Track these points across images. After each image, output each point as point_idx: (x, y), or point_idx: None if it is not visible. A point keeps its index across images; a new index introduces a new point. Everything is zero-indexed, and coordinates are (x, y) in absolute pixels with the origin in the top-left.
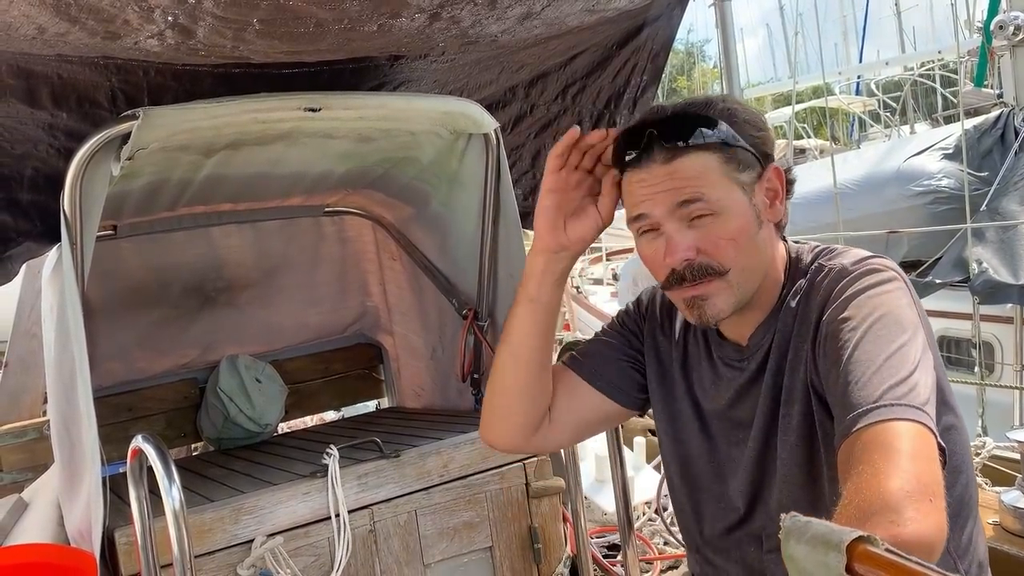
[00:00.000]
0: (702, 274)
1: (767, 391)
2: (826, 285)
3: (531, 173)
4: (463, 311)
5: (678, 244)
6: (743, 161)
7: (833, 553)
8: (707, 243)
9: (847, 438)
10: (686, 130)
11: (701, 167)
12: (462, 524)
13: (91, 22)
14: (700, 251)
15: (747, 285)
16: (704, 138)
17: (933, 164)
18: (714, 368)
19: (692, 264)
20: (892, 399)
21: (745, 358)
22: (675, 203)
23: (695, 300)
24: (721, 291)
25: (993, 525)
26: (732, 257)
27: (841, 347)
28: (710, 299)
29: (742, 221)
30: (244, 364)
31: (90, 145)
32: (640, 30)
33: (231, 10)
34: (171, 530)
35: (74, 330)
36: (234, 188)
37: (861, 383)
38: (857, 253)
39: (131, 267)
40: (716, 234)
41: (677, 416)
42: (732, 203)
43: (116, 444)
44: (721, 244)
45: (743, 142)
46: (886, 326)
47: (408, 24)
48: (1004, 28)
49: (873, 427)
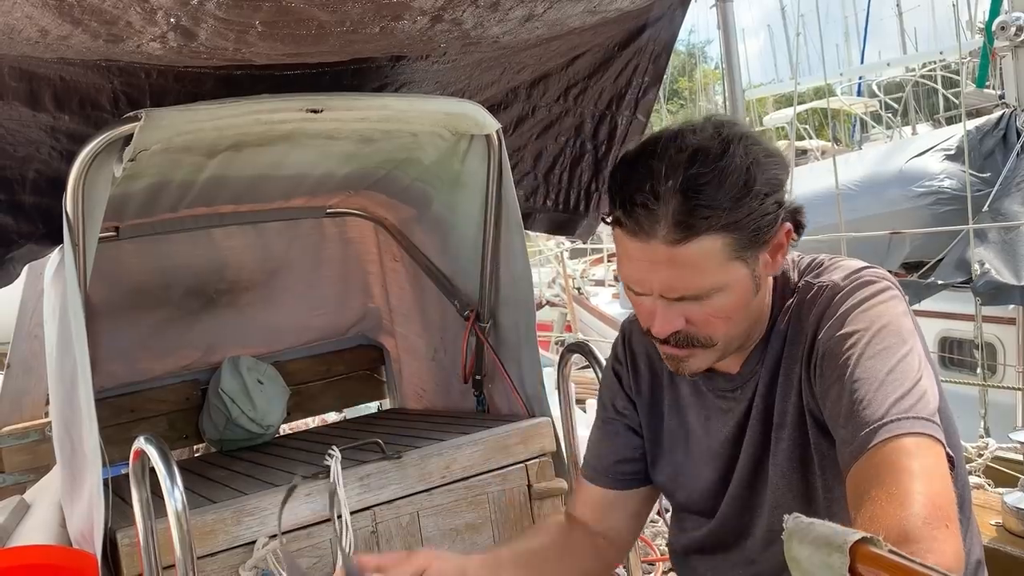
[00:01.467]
0: (686, 344)
1: (757, 415)
2: (819, 303)
3: (533, 174)
4: (465, 312)
5: (665, 322)
6: (753, 235)
7: (836, 554)
8: (697, 318)
9: (857, 459)
10: (696, 217)
11: (704, 256)
12: (464, 525)
13: (94, 24)
14: (689, 322)
15: (732, 346)
16: (715, 223)
17: (935, 165)
18: (704, 402)
19: (678, 335)
20: (899, 413)
21: (738, 387)
22: (669, 293)
23: (674, 357)
24: (701, 356)
25: (995, 526)
26: (722, 332)
27: (841, 365)
28: (690, 360)
29: (739, 298)
30: (246, 365)
31: (92, 147)
32: (642, 31)
33: (233, 12)
34: (173, 531)
35: (76, 332)
36: (236, 189)
37: (866, 401)
38: (848, 266)
39: (133, 269)
40: (708, 312)
41: (674, 452)
42: (731, 283)
43: (118, 445)
44: (712, 322)
45: (757, 213)
46: (885, 339)
47: (410, 26)
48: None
49: (882, 447)
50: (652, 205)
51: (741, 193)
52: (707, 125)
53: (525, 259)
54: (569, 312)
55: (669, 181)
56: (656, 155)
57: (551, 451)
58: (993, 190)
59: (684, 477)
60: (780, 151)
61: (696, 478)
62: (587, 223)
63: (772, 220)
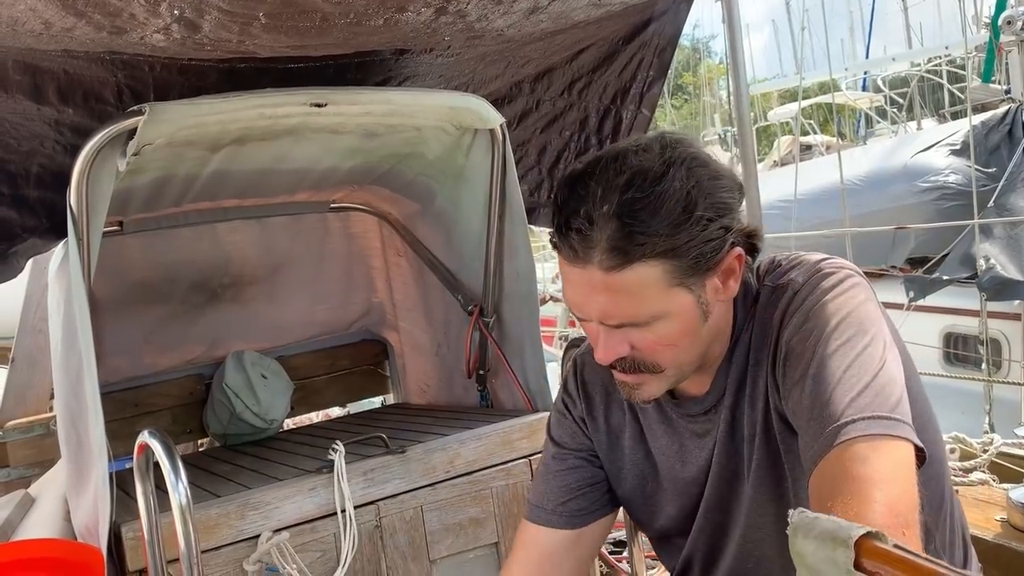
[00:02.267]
0: (633, 370)
1: (726, 428)
2: (780, 304)
3: (537, 169)
4: (468, 307)
5: (607, 347)
6: (694, 262)
7: (841, 549)
8: (641, 345)
9: (816, 464)
10: (631, 243)
11: (642, 283)
12: (468, 520)
13: (97, 16)
14: (634, 348)
15: (684, 371)
16: (651, 250)
17: (940, 160)
18: (675, 429)
19: (624, 360)
20: (855, 413)
21: (710, 408)
22: (607, 320)
23: (625, 384)
24: (652, 383)
25: (1000, 522)
26: (668, 358)
27: (802, 365)
28: (641, 387)
29: (683, 325)
30: (250, 360)
31: (96, 141)
32: (646, 25)
33: (237, 4)
34: (178, 525)
35: (80, 326)
36: (240, 184)
37: (822, 402)
38: (805, 260)
39: (137, 263)
40: (652, 340)
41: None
42: (674, 309)
43: (122, 440)
44: (657, 349)
45: (698, 239)
46: (844, 332)
47: (414, 18)
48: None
49: (840, 452)
50: (587, 231)
51: (680, 219)
52: (653, 144)
53: (529, 254)
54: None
55: (604, 206)
56: (595, 176)
57: None
58: (999, 185)
59: (657, 508)
60: (731, 173)
61: (672, 505)
62: None
63: (717, 246)
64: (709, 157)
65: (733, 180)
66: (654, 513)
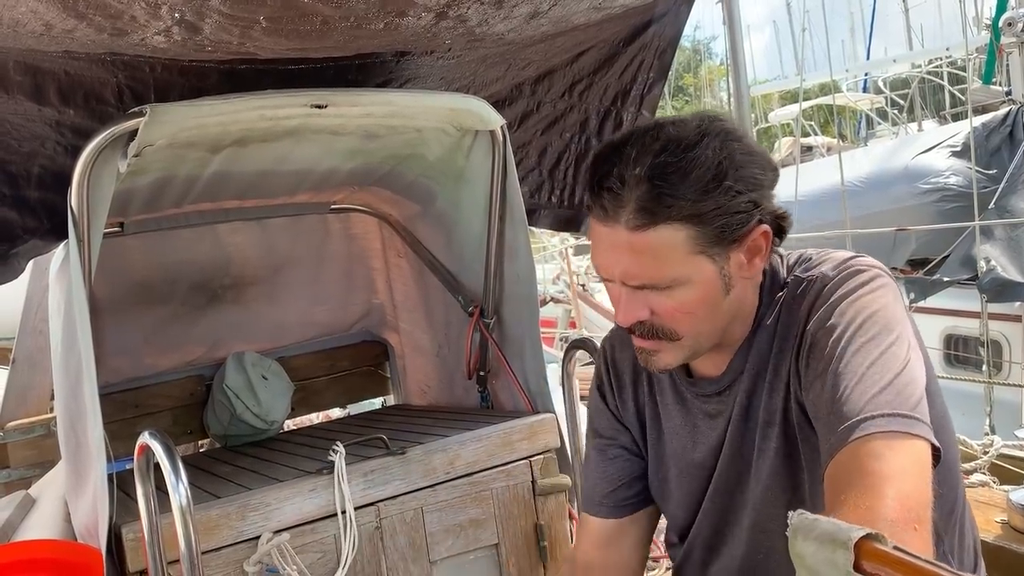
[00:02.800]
0: (651, 335)
1: (741, 412)
2: (808, 295)
3: (537, 170)
4: (469, 308)
5: (628, 310)
6: (719, 231)
7: (841, 551)
8: (661, 310)
9: (833, 457)
10: (659, 204)
11: (666, 245)
12: (468, 521)
13: (98, 18)
14: (653, 313)
15: (702, 344)
16: (677, 213)
17: (941, 161)
18: (689, 410)
19: (643, 325)
20: (875, 409)
21: (724, 389)
22: (629, 280)
23: (643, 351)
24: (669, 351)
25: (1001, 523)
26: (686, 327)
27: (825, 358)
28: (658, 355)
29: (704, 294)
30: (250, 361)
31: (97, 142)
32: (647, 27)
33: (238, 7)
34: (178, 526)
35: (80, 327)
36: (241, 185)
37: (844, 396)
38: (838, 256)
39: (138, 264)
40: (671, 305)
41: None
42: (695, 277)
43: (123, 440)
44: (676, 316)
45: (724, 208)
46: (870, 329)
47: (415, 23)
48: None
49: (857, 446)
50: (618, 190)
51: (709, 187)
52: (692, 119)
53: (529, 255)
54: (573, 308)
55: (637, 168)
56: (631, 142)
57: (555, 447)
58: (999, 187)
59: (668, 492)
60: (765, 153)
61: (680, 489)
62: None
63: (744, 219)
64: (745, 134)
65: (767, 160)
66: (665, 499)
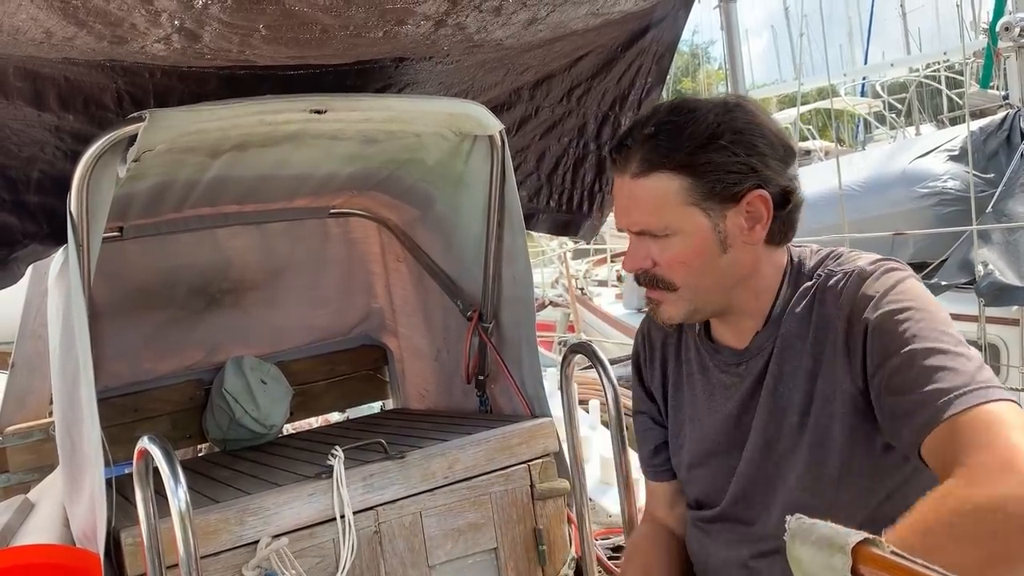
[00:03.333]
0: (651, 284)
1: (768, 398)
2: (848, 287)
3: (536, 175)
4: (468, 312)
5: (632, 256)
6: (711, 185)
7: (838, 555)
8: (661, 259)
9: (937, 426)
10: (656, 154)
11: (658, 193)
12: (467, 525)
13: (98, 26)
14: (655, 264)
15: (702, 300)
16: (671, 163)
17: (939, 166)
18: (709, 379)
19: (646, 273)
20: (983, 382)
21: (744, 362)
22: (631, 226)
23: (650, 301)
24: (671, 302)
25: None
26: (681, 277)
27: (902, 339)
28: (662, 306)
29: (696, 246)
30: (249, 365)
31: (97, 147)
32: (645, 32)
33: (237, 16)
34: (177, 531)
35: (79, 331)
36: (240, 189)
37: (945, 371)
38: (869, 255)
39: (137, 269)
40: (668, 255)
41: (683, 426)
42: (688, 227)
43: (122, 445)
44: (673, 265)
45: (717, 165)
46: (936, 315)
47: (414, 31)
48: (1010, 29)
49: (973, 412)
50: (630, 144)
51: (703, 142)
52: (719, 95)
53: (527, 260)
54: (572, 312)
55: (646, 128)
56: (657, 110)
57: (554, 451)
58: (997, 191)
59: (681, 455)
60: (781, 133)
61: (691, 454)
62: (590, 224)
63: (737, 179)
64: (767, 117)
65: (777, 135)
66: (679, 462)
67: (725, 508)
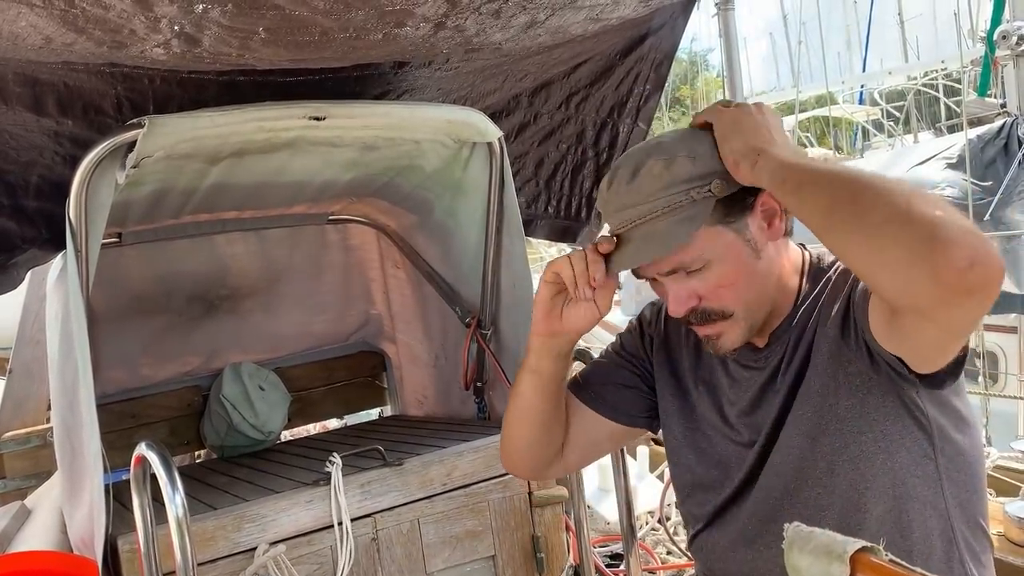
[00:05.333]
0: (706, 319)
1: (783, 388)
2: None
3: (534, 181)
4: (466, 319)
5: (677, 299)
6: (728, 204)
7: (837, 563)
8: (706, 291)
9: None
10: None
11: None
12: (465, 533)
13: (98, 32)
14: (701, 298)
15: (757, 314)
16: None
17: (937, 173)
18: (728, 372)
19: (695, 311)
20: None
21: (762, 357)
22: (663, 269)
23: (707, 338)
24: (729, 329)
25: (997, 536)
26: (731, 300)
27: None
28: (722, 337)
29: (736, 263)
30: (247, 372)
31: (96, 153)
32: (643, 39)
33: (237, 19)
34: (174, 538)
35: (78, 337)
36: (239, 196)
37: None
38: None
39: (135, 274)
40: (711, 282)
41: (699, 423)
42: (722, 250)
43: (120, 451)
44: (720, 292)
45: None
46: None
47: (413, 33)
48: (1007, 38)
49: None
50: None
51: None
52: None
53: (526, 265)
54: None
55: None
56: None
57: None
58: (995, 199)
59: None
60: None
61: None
62: (588, 230)
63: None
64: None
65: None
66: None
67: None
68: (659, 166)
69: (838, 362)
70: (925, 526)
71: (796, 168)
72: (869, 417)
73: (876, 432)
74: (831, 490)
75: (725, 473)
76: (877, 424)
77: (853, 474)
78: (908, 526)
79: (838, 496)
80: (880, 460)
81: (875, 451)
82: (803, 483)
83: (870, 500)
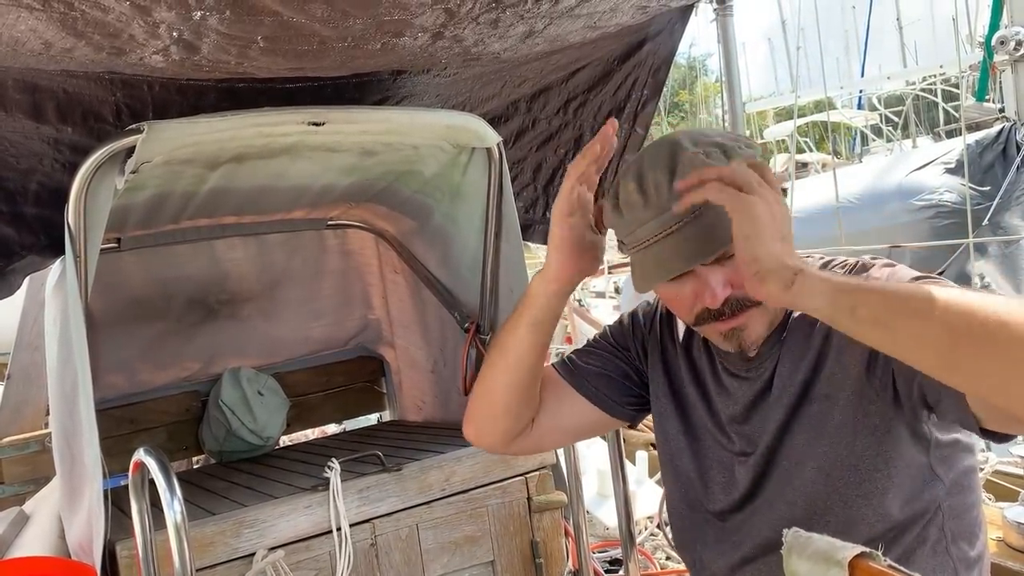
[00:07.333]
0: (740, 307)
1: (781, 406)
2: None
3: (533, 186)
4: (465, 324)
5: (712, 291)
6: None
7: (835, 569)
8: (737, 279)
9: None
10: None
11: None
12: (464, 538)
13: (97, 37)
14: (734, 286)
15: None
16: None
17: (935, 179)
18: (719, 380)
19: (729, 300)
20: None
21: (753, 368)
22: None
23: (733, 331)
24: (757, 317)
25: (996, 541)
26: None
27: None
28: (748, 327)
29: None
30: (246, 377)
31: (95, 159)
32: (641, 45)
33: (235, 27)
34: (172, 543)
35: (77, 343)
36: (238, 201)
37: None
38: (868, 258)
39: (134, 280)
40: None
41: (693, 425)
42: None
43: (118, 457)
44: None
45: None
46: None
47: (411, 43)
48: (1005, 43)
49: None
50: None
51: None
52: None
53: (524, 271)
54: (569, 324)
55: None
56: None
57: (551, 464)
58: (993, 204)
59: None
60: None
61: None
62: None
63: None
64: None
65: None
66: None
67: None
68: (699, 159)
69: (860, 399)
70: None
71: (862, 292)
72: (886, 455)
73: (890, 468)
74: (850, 525)
75: (719, 482)
76: (892, 461)
77: (866, 509)
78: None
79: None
80: (891, 495)
81: (888, 487)
82: (815, 516)
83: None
